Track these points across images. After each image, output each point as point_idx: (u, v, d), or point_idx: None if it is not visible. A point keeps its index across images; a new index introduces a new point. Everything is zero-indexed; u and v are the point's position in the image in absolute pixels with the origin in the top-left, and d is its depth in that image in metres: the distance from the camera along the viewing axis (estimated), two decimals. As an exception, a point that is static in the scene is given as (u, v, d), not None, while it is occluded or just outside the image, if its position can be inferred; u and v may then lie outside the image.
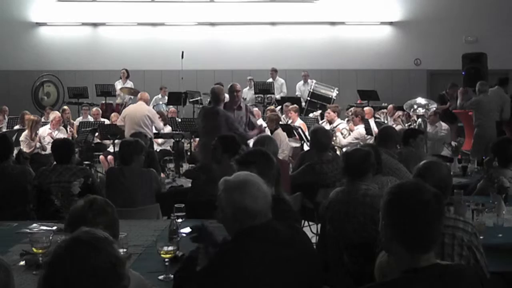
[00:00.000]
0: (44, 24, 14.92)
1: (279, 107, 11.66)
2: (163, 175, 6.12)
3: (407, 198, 2.04)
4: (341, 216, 3.65)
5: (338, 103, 11.62)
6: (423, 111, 9.15)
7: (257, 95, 12.82)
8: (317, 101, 12.34)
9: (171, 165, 6.94)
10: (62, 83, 14.08)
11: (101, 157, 9.67)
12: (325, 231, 3.89)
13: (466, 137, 10.10)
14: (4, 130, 10.08)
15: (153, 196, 4.85)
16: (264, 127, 8.21)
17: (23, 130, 9.14)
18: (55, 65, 14.32)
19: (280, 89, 13.42)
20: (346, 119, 10.24)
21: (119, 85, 13.36)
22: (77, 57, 14.46)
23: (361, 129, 9.22)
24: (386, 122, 10.47)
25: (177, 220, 3.48)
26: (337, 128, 9.42)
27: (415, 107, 9.28)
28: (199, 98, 12.06)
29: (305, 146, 8.98)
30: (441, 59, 14.03)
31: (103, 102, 12.88)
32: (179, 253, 3.03)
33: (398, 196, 2.06)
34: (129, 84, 13.46)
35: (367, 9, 14.64)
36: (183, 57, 12.45)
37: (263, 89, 12.73)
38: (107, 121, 10.59)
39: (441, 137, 9.12)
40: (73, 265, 1.64)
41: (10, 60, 14.41)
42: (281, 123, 9.20)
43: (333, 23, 14.78)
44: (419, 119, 9.14)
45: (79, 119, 11.17)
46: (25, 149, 8.66)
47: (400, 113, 10.45)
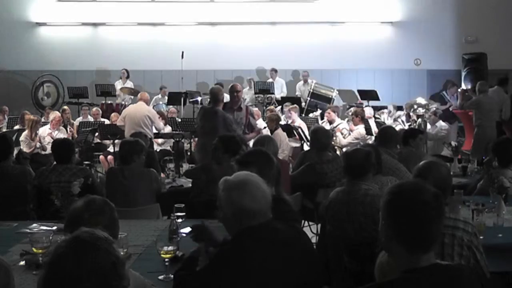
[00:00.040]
0: (44, 24, 14.89)
1: (279, 107, 11.65)
2: (163, 175, 6.12)
3: (407, 198, 2.04)
4: (341, 216, 3.65)
5: (338, 103, 11.63)
6: (423, 111, 9.15)
7: (257, 95, 12.80)
8: (317, 101, 12.33)
9: (171, 165, 6.94)
10: (62, 83, 14.07)
11: (101, 157, 9.66)
12: (325, 231, 3.89)
13: (466, 137, 10.13)
14: (4, 130, 10.06)
15: (153, 196, 4.84)
16: (262, 129, 8.22)
17: (23, 130, 9.14)
18: (55, 65, 14.29)
19: (280, 89, 13.40)
20: (346, 119, 10.24)
21: (119, 85, 13.35)
22: (77, 57, 14.43)
23: (361, 129, 9.22)
24: (386, 122, 10.46)
25: (177, 220, 3.48)
26: (337, 128, 9.43)
27: (415, 107, 9.29)
28: (199, 98, 12.05)
29: (305, 146, 8.97)
30: (441, 59, 14.03)
31: (103, 102, 12.86)
32: (179, 253, 3.04)
33: (398, 196, 2.06)
34: (129, 84, 13.45)
35: (367, 9, 14.62)
36: (183, 57, 12.45)
37: (263, 89, 12.72)
38: (107, 121, 10.58)
39: (441, 137, 9.13)
40: (73, 265, 1.63)
41: (10, 60, 14.37)
42: (281, 123, 9.19)
43: (333, 23, 14.75)
44: (419, 119, 9.15)
45: (79, 119, 11.16)
46: (25, 149, 8.67)
47: (400, 113, 10.45)
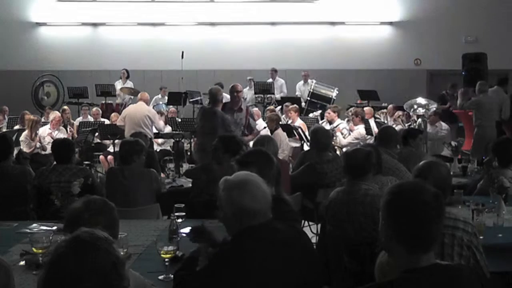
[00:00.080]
0: (44, 24, 14.90)
1: (279, 107, 11.65)
2: (163, 175, 6.13)
3: (407, 198, 2.04)
4: (341, 216, 3.65)
5: (338, 103, 11.62)
6: (423, 111, 9.14)
7: (257, 95, 12.80)
8: (317, 101, 12.33)
9: (171, 165, 6.95)
10: (62, 83, 14.07)
11: (101, 157, 9.66)
12: (325, 231, 3.89)
13: (466, 137, 10.11)
14: (4, 130, 10.06)
15: (153, 196, 4.84)
16: (261, 130, 8.21)
17: (23, 130, 9.13)
18: (55, 65, 14.31)
19: (280, 89, 13.40)
20: (346, 119, 10.24)
21: (119, 85, 13.35)
22: (77, 57, 14.44)
23: (361, 129, 9.22)
24: (386, 122, 10.46)
25: (177, 220, 3.48)
26: (337, 128, 9.42)
27: (415, 107, 9.28)
28: (199, 98, 12.05)
29: (305, 146, 8.97)
30: (441, 59, 14.02)
31: (103, 102, 12.87)
32: (179, 253, 3.04)
33: (398, 196, 2.06)
34: (129, 84, 13.45)
35: (367, 9, 14.63)
36: (183, 57, 12.44)
37: (263, 89, 12.71)
38: (107, 121, 10.58)
39: (441, 137, 9.12)
40: (74, 265, 1.63)
41: (10, 60, 14.39)
42: (281, 123, 9.19)
43: (333, 23, 14.77)
44: (419, 119, 9.14)
45: (79, 119, 11.17)
46: (25, 149, 8.66)
47: (400, 113, 10.44)
